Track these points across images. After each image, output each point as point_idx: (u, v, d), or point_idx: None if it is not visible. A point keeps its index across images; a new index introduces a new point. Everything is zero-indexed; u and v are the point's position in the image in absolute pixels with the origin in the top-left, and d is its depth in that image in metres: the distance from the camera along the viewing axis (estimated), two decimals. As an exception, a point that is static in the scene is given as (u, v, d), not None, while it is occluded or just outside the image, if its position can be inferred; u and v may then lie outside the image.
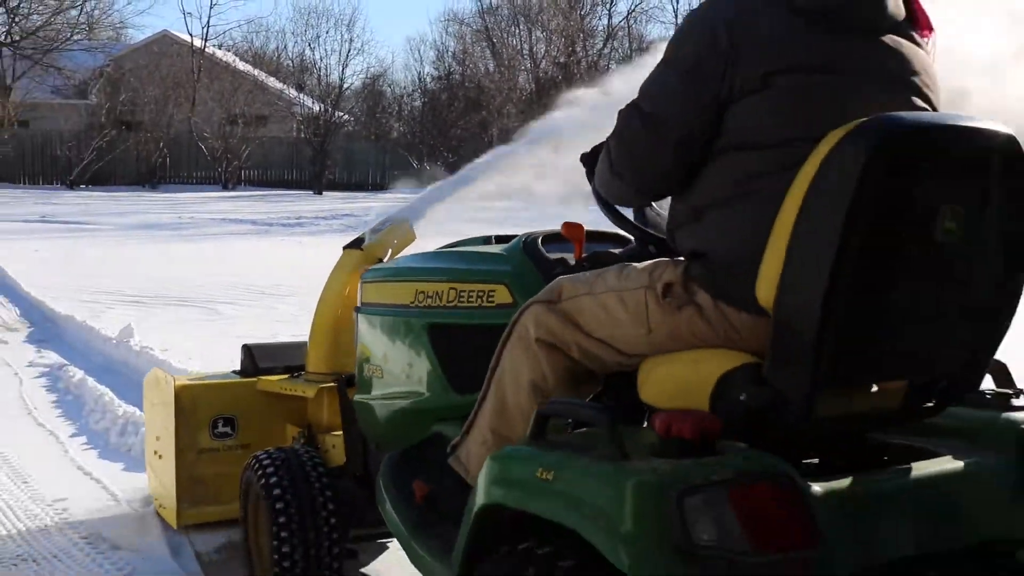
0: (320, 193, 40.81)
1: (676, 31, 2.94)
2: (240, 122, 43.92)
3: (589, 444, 2.66)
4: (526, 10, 49.08)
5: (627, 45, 50.83)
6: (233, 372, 5.76)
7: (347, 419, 4.79)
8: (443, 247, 4.54)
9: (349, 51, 56.59)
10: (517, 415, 3.14)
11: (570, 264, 3.68)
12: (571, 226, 3.76)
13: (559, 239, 3.87)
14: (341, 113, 47.09)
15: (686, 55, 2.80)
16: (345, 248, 5.31)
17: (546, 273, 3.60)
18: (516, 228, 4.11)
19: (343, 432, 4.87)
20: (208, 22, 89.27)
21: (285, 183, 44.83)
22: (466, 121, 44.25)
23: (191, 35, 52.29)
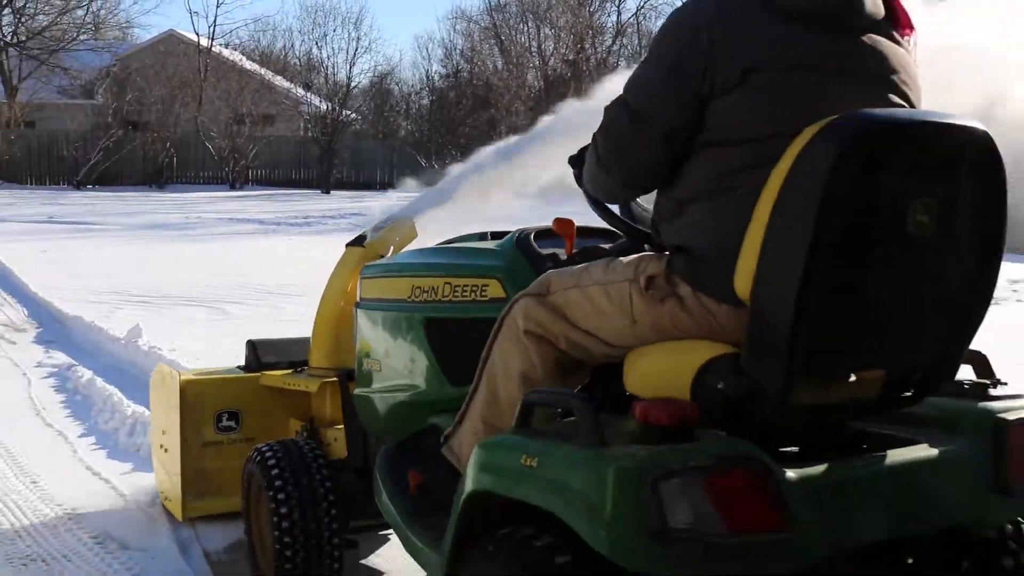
0: (328, 192, 40.86)
1: (660, 29, 3.02)
2: (247, 121, 43.94)
3: (572, 432, 2.73)
4: (535, 7, 49.06)
5: (636, 42, 50.83)
6: (237, 367, 5.85)
7: (348, 413, 4.88)
8: (441, 243, 4.63)
9: (356, 49, 56.47)
10: (507, 405, 3.21)
11: (561, 259, 3.78)
12: (562, 222, 3.83)
13: (552, 235, 3.93)
14: (348, 112, 47.09)
15: (669, 52, 2.88)
16: (348, 245, 5.37)
17: (538, 268, 3.69)
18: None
19: (344, 426, 4.96)
20: (215, 21, 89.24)
21: (292, 182, 44.89)
22: (474, 119, 44.22)
23: (197, 34, 52.25)
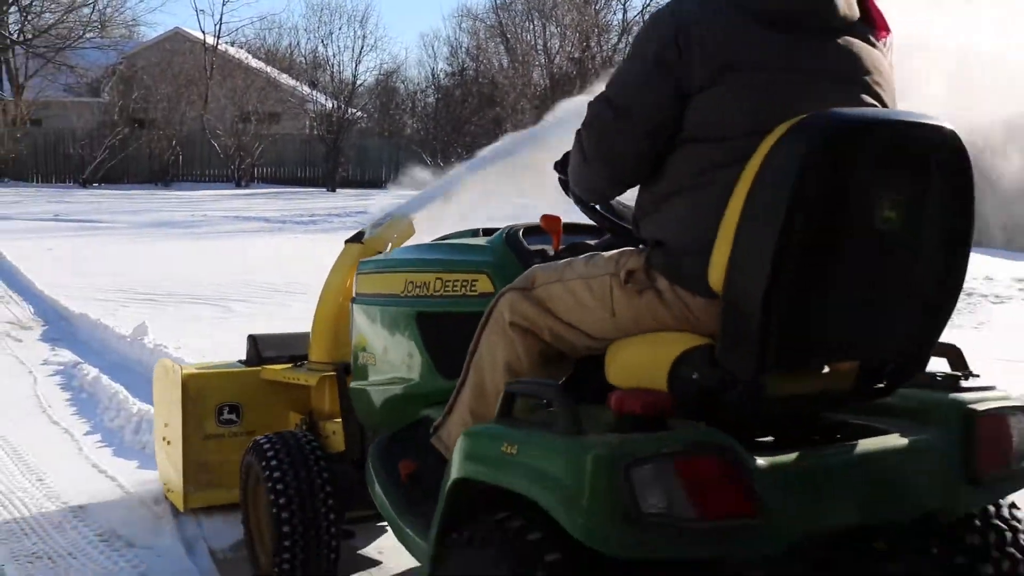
0: (333, 190, 40.82)
1: (641, 28, 3.11)
2: (253, 119, 43.88)
3: (551, 421, 2.82)
4: (540, 5, 48.93)
5: (641, 40, 50.62)
6: (239, 362, 5.97)
7: (346, 406, 4.97)
8: (436, 239, 4.76)
9: (362, 47, 56.66)
10: (493, 396, 3.28)
11: (549, 255, 3.89)
12: (549, 219, 3.94)
13: (541, 231, 4.03)
14: (354, 110, 47.04)
15: (649, 50, 2.97)
16: (347, 242, 5.50)
17: (526, 263, 3.75)
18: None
19: (342, 419, 5.07)
20: (220, 19, 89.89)
21: (298, 180, 44.83)
22: (480, 117, 44.14)
23: (203, 32, 52.30)
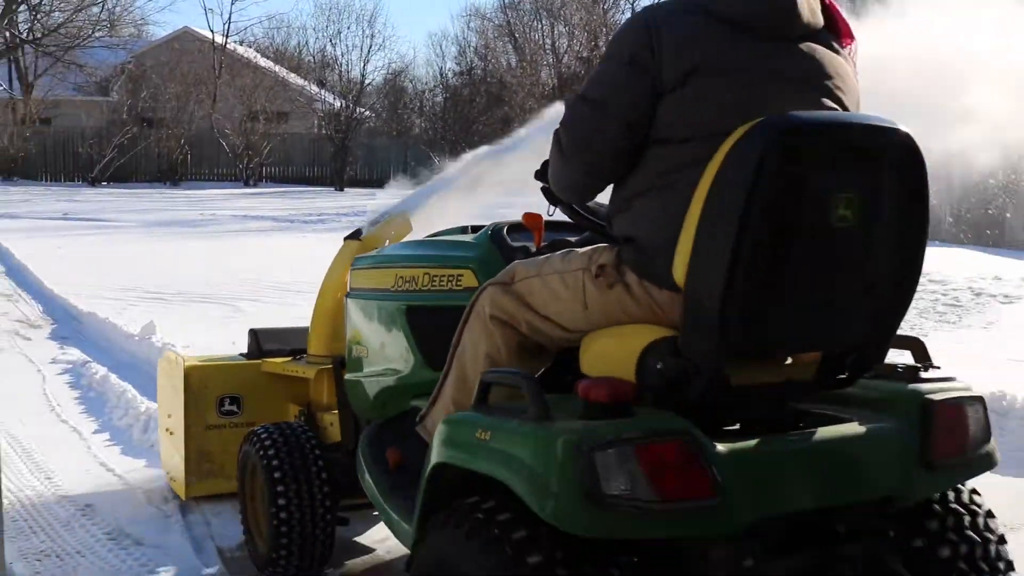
0: (341, 189, 40.88)
1: (617, 31, 3.26)
2: (261, 118, 43.96)
3: (522, 409, 2.94)
4: (549, 4, 48.98)
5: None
6: (240, 355, 6.18)
7: (342, 398, 5.09)
8: (428, 236, 4.89)
9: (370, 47, 56.41)
10: (475, 386, 3.33)
11: (531, 251, 3.99)
12: (531, 216, 4.06)
13: (525, 228, 4.15)
14: (362, 109, 47.09)
15: (624, 50, 3.11)
16: (345, 239, 5.64)
17: (509, 259, 3.87)
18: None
19: (338, 410, 5.21)
20: (229, 18, 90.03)
21: (306, 179, 44.92)
22: (488, 116, 44.21)
23: (212, 31, 52.42)
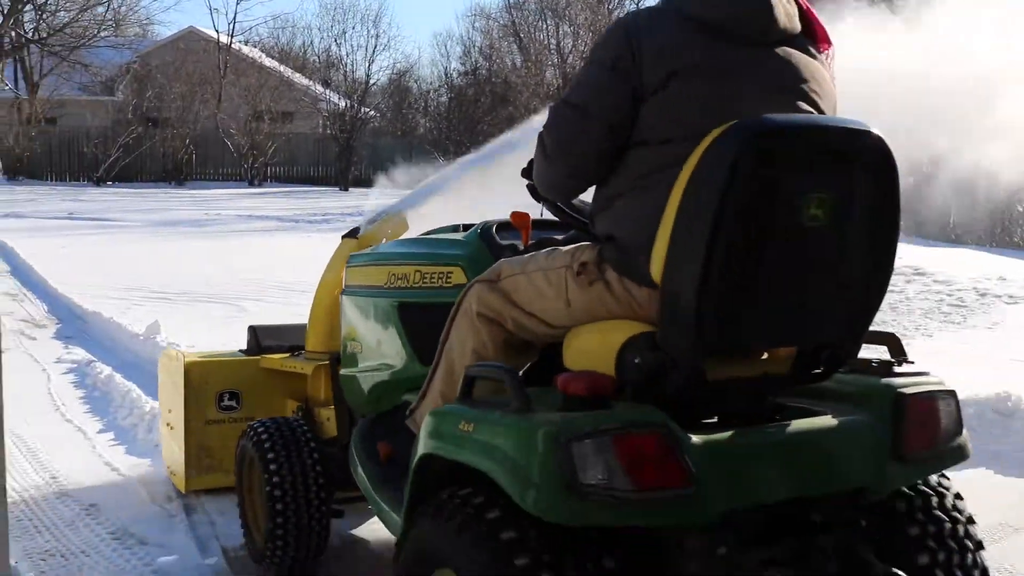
0: (346, 189, 40.90)
1: (599, 37, 3.37)
2: (266, 118, 43.98)
3: (505, 402, 3.04)
4: (553, 4, 48.95)
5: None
6: (239, 351, 6.28)
7: (338, 393, 5.18)
8: (421, 234, 4.97)
9: (375, 47, 56.42)
10: (462, 380, 3.42)
11: (519, 249, 4.05)
12: (519, 215, 4.15)
13: (514, 227, 4.23)
14: (367, 109, 47.11)
15: (606, 55, 3.20)
16: (343, 237, 5.71)
17: (497, 257, 3.96)
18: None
19: (334, 406, 5.29)
20: (234, 18, 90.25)
21: (311, 179, 44.97)
22: (493, 116, 44.14)
23: (217, 31, 52.52)
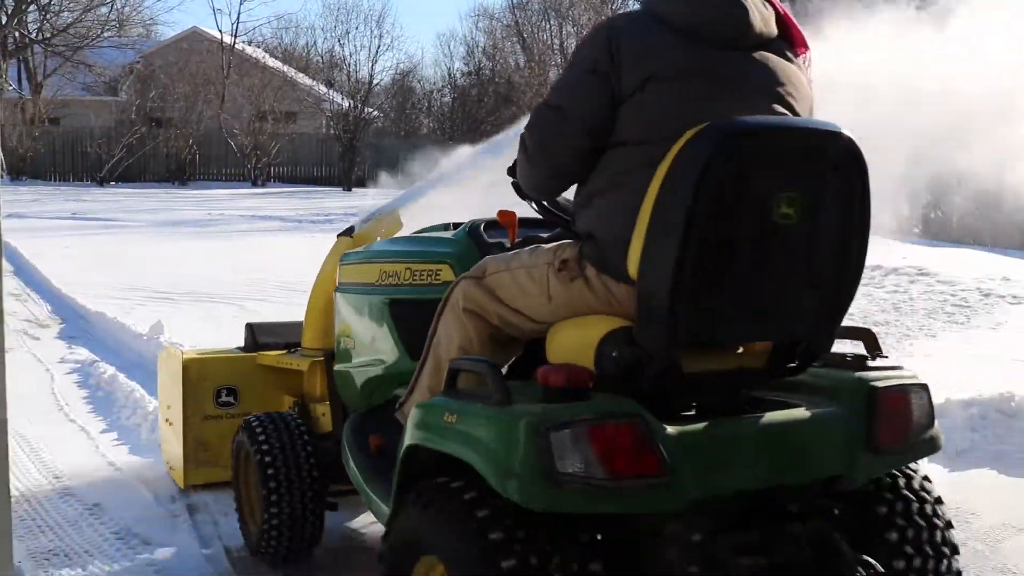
0: (349, 189, 40.91)
1: (580, 41, 3.45)
2: (270, 118, 43.99)
3: (488, 394, 3.15)
4: (557, 5, 48.98)
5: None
6: (237, 348, 6.34)
7: (333, 389, 5.29)
8: (414, 232, 5.11)
9: (379, 47, 56.89)
10: (447, 374, 3.53)
11: (506, 247, 4.14)
12: (505, 213, 4.26)
13: (502, 225, 4.35)
14: (370, 109, 47.12)
15: (586, 59, 3.31)
16: (338, 236, 5.76)
17: (484, 255, 4.04)
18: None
19: (329, 401, 5.39)
20: (238, 19, 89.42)
21: (314, 179, 44.99)
22: (496, 116, 44.16)
23: (221, 32, 52.47)
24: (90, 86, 49.07)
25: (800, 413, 3.33)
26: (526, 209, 3.97)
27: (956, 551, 3.69)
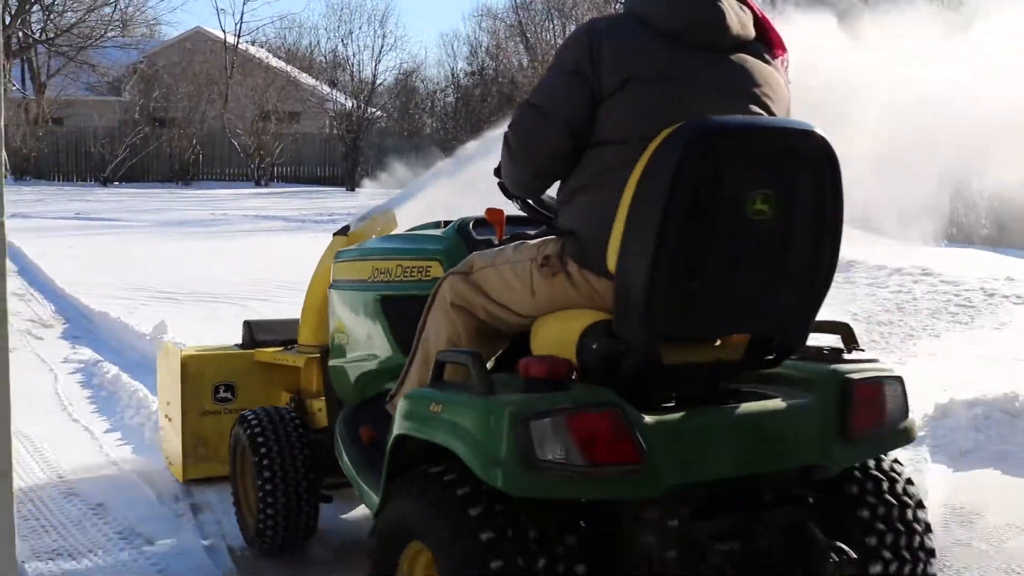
0: (352, 189, 40.89)
1: (563, 42, 3.53)
2: (273, 118, 44.03)
3: (472, 385, 3.24)
4: (560, 5, 48.90)
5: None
6: (235, 345, 6.43)
7: (328, 385, 5.32)
8: (407, 230, 5.21)
9: (382, 47, 56.59)
10: (433, 365, 3.61)
11: (494, 244, 4.24)
12: (493, 211, 4.31)
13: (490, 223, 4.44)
14: (374, 109, 47.10)
15: (568, 60, 3.40)
16: (334, 235, 5.83)
17: (473, 251, 4.07)
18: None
19: (324, 396, 5.43)
20: (241, 18, 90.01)
21: (317, 179, 44.98)
22: (499, 117, 44.04)
23: (224, 31, 52.45)
24: (94, 86, 49.12)
25: (776, 404, 3.44)
26: (515, 207, 4.05)
27: (930, 538, 3.74)
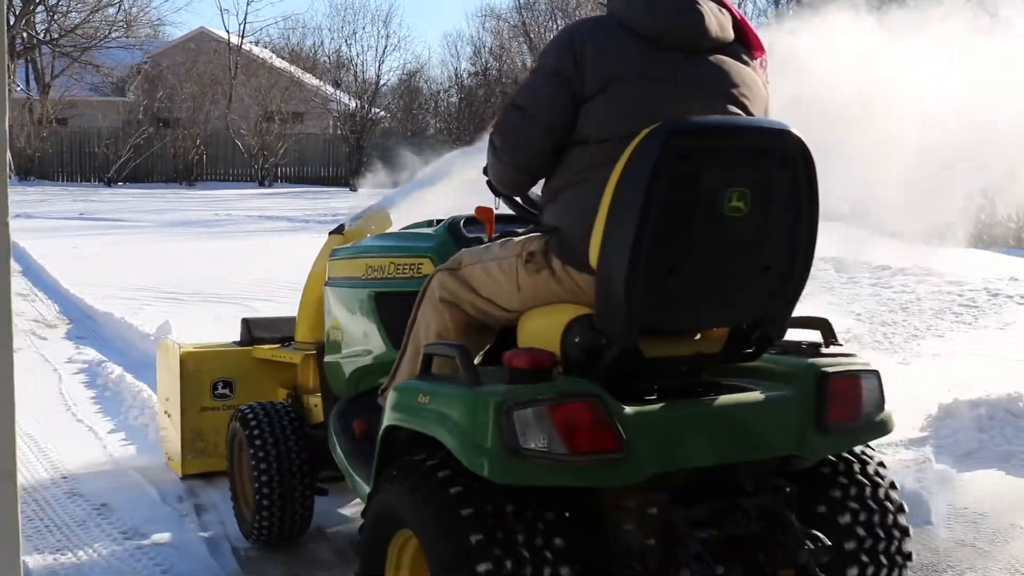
0: (356, 190, 40.88)
1: (547, 44, 3.65)
2: (276, 119, 44.02)
3: (459, 377, 3.36)
4: (564, 5, 48.86)
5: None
6: (233, 342, 6.54)
7: (324, 381, 5.46)
8: (401, 228, 5.32)
9: (386, 47, 56.31)
10: (421, 358, 3.72)
11: (484, 241, 4.30)
12: (482, 210, 4.39)
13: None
14: (377, 110, 47.11)
15: (550, 62, 3.51)
16: (330, 233, 5.92)
17: (462, 248, 4.16)
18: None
19: (321, 392, 5.55)
20: (245, 19, 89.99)
21: (321, 180, 44.96)
22: (502, 117, 44.06)
23: (228, 32, 52.46)
24: (98, 86, 49.16)
25: (753, 395, 3.55)
26: (505, 206, 4.13)
27: (907, 533, 3.82)
